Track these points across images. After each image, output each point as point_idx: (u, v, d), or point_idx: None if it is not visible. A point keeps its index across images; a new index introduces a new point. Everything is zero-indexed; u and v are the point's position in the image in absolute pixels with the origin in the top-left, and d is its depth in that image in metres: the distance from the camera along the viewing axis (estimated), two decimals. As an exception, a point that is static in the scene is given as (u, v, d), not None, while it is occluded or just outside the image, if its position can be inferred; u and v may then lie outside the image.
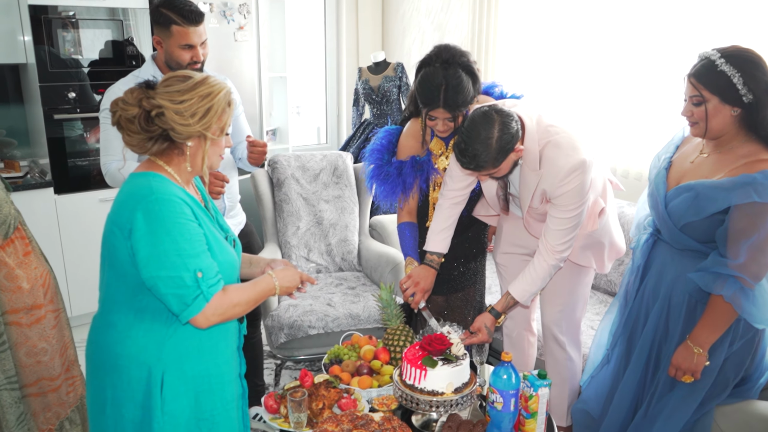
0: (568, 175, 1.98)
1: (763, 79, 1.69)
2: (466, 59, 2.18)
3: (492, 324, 2.20)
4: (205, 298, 1.47)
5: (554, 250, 2.09)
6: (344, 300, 3.13)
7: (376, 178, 2.42)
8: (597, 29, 3.42)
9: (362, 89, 4.46)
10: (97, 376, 1.56)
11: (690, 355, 1.81)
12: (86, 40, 3.58)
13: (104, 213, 3.80)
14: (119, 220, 1.47)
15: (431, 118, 2.21)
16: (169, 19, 2.28)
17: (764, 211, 1.66)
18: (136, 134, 1.49)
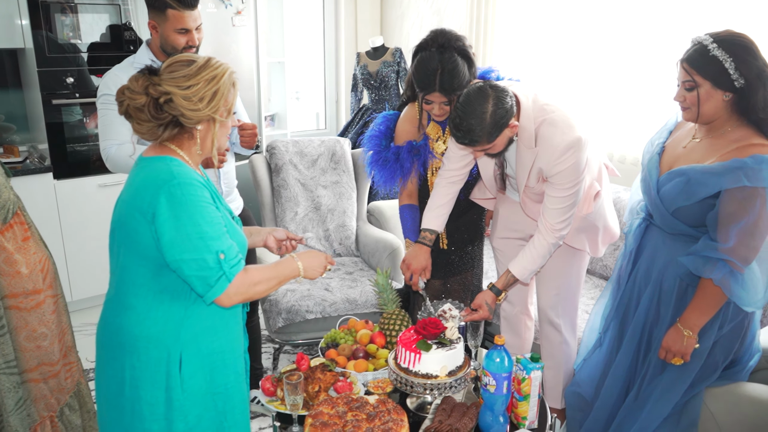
0: (564, 152, 2.00)
1: (754, 64, 1.70)
2: (462, 43, 2.21)
3: (493, 301, 2.23)
4: (228, 279, 1.50)
5: (553, 229, 2.11)
6: (342, 285, 3.16)
7: (375, 163, 2.45)
8: (594, 15, 3.41)
9: (360, 74, 4.46)
10: (114, 357, 1.57)
11: (680, 338, 1.84)
12: (85, 25, 3.58)
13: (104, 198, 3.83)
14: (140, 204, 1.48)
15: (428, 102, 2.24)
16: (165, 3, 2.29)
17: (754, 195, 1.67)
18: (146, 122, 1.50)
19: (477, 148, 2.01)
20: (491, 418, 1.84)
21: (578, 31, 3.52)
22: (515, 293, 2.56)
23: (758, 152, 1.70)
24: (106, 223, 3.98)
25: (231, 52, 4.07)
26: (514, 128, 2.01)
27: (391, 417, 1.80)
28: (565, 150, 2.00)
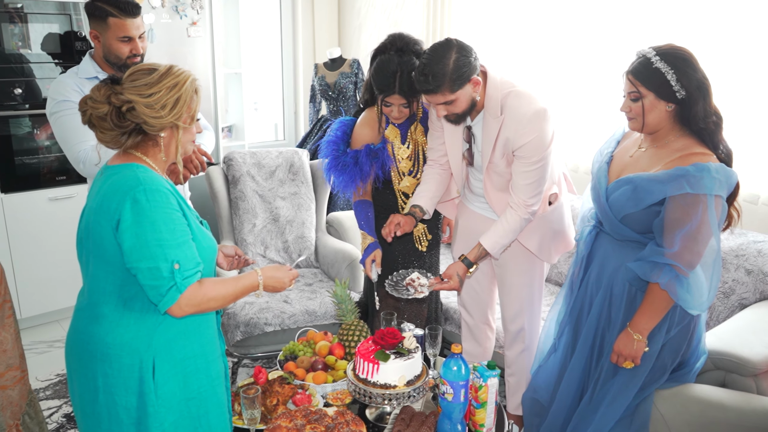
0: (530, 121, 2.05)
1: (694, 76, 1.78)
2: (419, 47, 2.28)
3: (463, 273, 2.25)
4: (179, 290, 1.49)
5: (525, 204, 2.15)
6: (301, 296, 3.14)
7: (334, 169, 2.45)
8: (546, 29, 3.50)
9: (318, 85, 4.46)
10: (86, 366, 1.57)
11: (630, 342, 1.89)
12: (34, 34, 3.49)
13: (55, 212, 3.72)
14: (107, 212, 1.49)
15: (387, 105, 2.28)
16: (106, 12, 2.28)
17: (696, 201, 1.74)
18: (109, 131, 1.51)
19: (439, 97, 2.03)
20: (449, 426, 1.86)
21: (531, 44, 3.60)
22: (476, 304, 2.59)
23: (699, 160, 1.77)
24: (58, 237, 3.94)
25: (187, 63, 4.03)
26: (477, 86, 2.06)
27: (349, 428, 1.80)
28: (531, 119, 2.05)
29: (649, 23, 3.00)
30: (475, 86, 2.06)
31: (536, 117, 2.05)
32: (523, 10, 3.61)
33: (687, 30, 2.83)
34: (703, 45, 2.75)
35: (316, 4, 4.99)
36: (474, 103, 2.10)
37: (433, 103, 2.08)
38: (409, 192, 2.51)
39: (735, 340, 2.10)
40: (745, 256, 2.53)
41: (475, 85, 2.06)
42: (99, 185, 1.56)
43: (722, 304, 2.55)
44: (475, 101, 2.10)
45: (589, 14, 3.27)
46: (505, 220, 2.20)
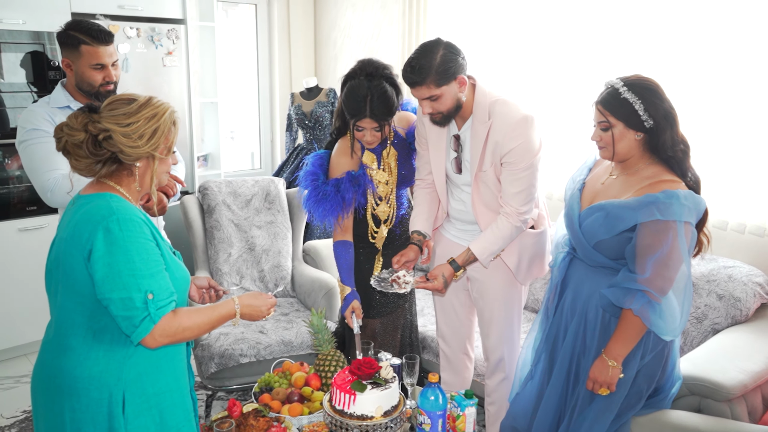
0: (518, 125, 2.10)
1: (661, 105, 1.83)
2: (389, 72, 2.32)
3: (450, 275, 2.25)
4: (153, 321, 1.47)
5: (517, 212, 2.17)
6: (277, 327, 3.10)
7: (314, 200, 2.43)
8: (520, 62, 3.57)
9: (295, 114, 4.48)
10: (52, 401, 1.53)
11: (605, 368, 1.90)
12: (6, 63, 3.45)
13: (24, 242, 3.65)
14: (78, 241, 1.47)
15: (359, 129, 2.30)
16: (78, 40, 2.27)
17: (667, 228, 1.77)
18: (84, 159, 1.50)
19: (424, 90, 2.07)
20: (427, 457, 1.84)
21: (504, 74, 3.66)
22: (455, 334, 2.58)
23: (668, 188, 1.81)
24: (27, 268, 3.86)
25: (162, 92, 4.02)
26: (463, 86, 2.11)
27: (325, 462, 1.76)
28: (519, 122, 2.10)
29: (618, 54, 3.08)
30: (461, 86, 2.11)
31: (524, 122, 2.11)
32: (496, 43, 3.68)
33: (656, 60, 2.92)
34: (673, 74, 2.84)
35: (293, 35, 5.04)
36: (459, 104, 2.15)
37: (419, 97, 2.11)
38: (382, 218, 2.51)
39: (709, 365, 2.13)
40: (717, 282, 2.57)
41: (461, 85, 2.11)
42: (71, 215, 1.54)
43: (695, 329, 2.58)
44: (461, 102, 2.15)
45: (561, 47, 3.35)
46: (496, 227, 2.21)
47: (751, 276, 2.54)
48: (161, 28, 3.97)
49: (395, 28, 4.36)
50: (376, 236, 2.53)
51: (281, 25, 4.98)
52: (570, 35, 3.30)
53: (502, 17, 3.62)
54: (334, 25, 4.94)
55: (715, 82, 2.75)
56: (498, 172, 2.20)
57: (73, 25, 2.31)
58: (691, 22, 2.80)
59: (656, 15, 2.92)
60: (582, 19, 3.23)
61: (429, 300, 3.41)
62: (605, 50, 3.13)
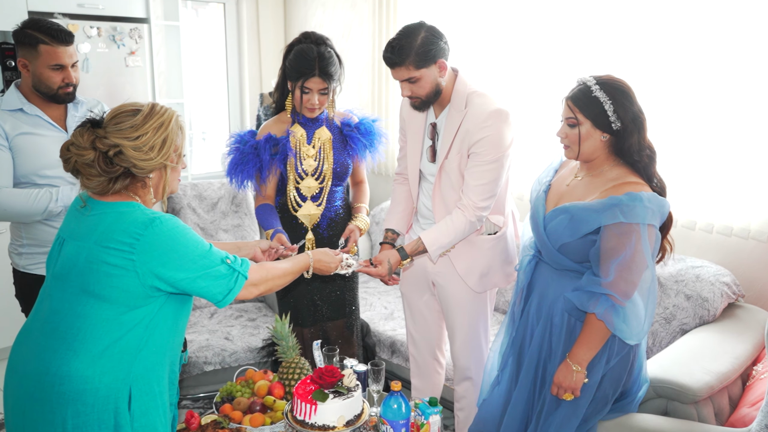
0: (491, 116, 2.08)
1: (630, 108, 1.80)
2: (331, 43, 2.35)
3: (396, 262, 2.21)
4: (244, 276, 1.59)
5: (475, 206, 2.13)
6: (243, 333, 3.03)
7: (233, 162, 2.40)
8: (492, 60, 3.53)
9: (264, 115, 4.40)
10: (52, 410, 1.48)
11: (569, 373, 1.86)
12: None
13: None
14: (120, 247, 1.47)
15: (305, 91, 2.29)
16: (36, 39, 2.18)
17: (630, 231, 1.74)
18: (96, 177, 1.49)
19: (403, 72, 2.06)
20: (390, 467, 1.79)
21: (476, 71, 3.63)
22: (425, 339, 2.54)
23: (632, 190, 1.78)
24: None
25: (125, 93, 3.92)
26: (443, 70, 2.10)
27: (285, 475, 1.71)
28: (492, 114, 2.08)
29: (593, 54, 3.06)
30: (441, 71, 2.09)
31: (497, 114, 2.09)
32: (467, 43, 3.64)
33: (629, 61, 2.90)
34: (645, 74, 2.83)
35: (263, 34, 4.96)
36: (439, 90, 2.13)
37: (398, 78, 2.10)
38: (308, 194, 2.45)
39: (675, 367, 2.11)
40: (684, 282, 2.57)
41: (441, 70, 2.10)
42: (94, 220, 1.51)
43: (664, 329, 2.57)
44: (440, 88, 2.13)
45: (535, 46, 3.32)
46: (450, 220, 2.17)
47: (719, 276, 2.53)
48: (123, 27, 3.87)
49: (365, 27, 4.31)
50: (298, 210, 2.46)
51: (250, 24, 4.90)
52: (544, 35, 3.27)
53: (472, 17, 3.59)
54: (305, 25, 4.87)
55: (685, 82, 2.74)
56: (463, 165, 2.17)
57: (31, 23, 2.22)
58: (661, 24, 2.79)
59: (630, 17, 2.90)
60: (556, 19, 3.20)
61: (399, 303, 3.37)
62: (582, 49, 3.10)
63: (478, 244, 2.27)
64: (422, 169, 2.33)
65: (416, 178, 2.35)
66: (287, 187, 2.45)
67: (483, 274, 2.30)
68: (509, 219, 2.37)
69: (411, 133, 2.33)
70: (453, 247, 2.25)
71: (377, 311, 3.32)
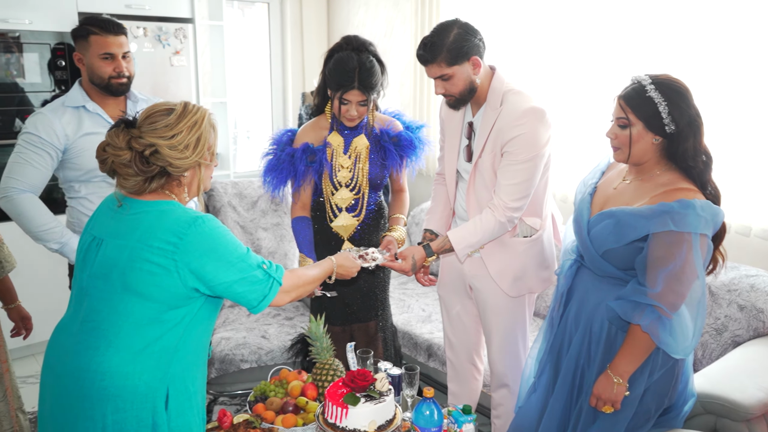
0: (525, 114, 2.02)
1: (687, 111, 1.70)
2: (374, 48, 2.29)
3: (421, 258, 2.17)
4: (279, 282, 1.60)
5: (506, 206, 2.07)
6: (280, 332, 3.04)
7: (268, 167, 2.39)
8: (538, 57, 3.44)
9: (306, 114, 4.41)
10: (91, 406, 1.50)
11: (610, 385, 1.78)
12: (20, 64, 3.46)
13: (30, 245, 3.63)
14: (163, 246, 1.48)
15: (344, 102, 2.24)
16: (88, 30, 2.25)
17: (681, 240, 1.65)
18: (133, 177, 1.51)
19: (435, 69, 2.03)
20: (422, 475, 1.75)
21: (521, 69, 3.54)
22: (462, 344, 2.49)
23: (684, 196, 1.68)
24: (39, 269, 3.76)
25: (169, 92, 3.98)
26: (477, 68, 2.05)
27: (314, 479, 1.69)
28: (526, 112, 2.02)
29: (645, 50, 2.94)
30: (475, 68, 2.05)
31: (531, 112, 2.03)
32: (511, 40, 3.56)
33: (682, 60, 2.77)
34: (699, 74, 2.69)
35: (306, 34, 4.98)
36: (473, 88, 2.08)
37: (431, 76, 2.07)
38: (342, 205, 2.41)
39: (726, 381, 2.00)
40: (738, 291, 2.44)
41: (475, 67, 2.05)
42: (133, 219, 1.53)
43: (714, 341, 2.44)
44: (475, 86, 2.08)
45: (581, 44, 3.22)
46: (479, 219, 2.12)
47: (775, 286, 2.39)
48: (168, 27, 3.94)
49: (408, 26, 4.27)
50: (334, 221, 2.43)
51: (294, 23, 4.92)
52: (590, 31, 3.16)
53: (517, 14, 3.51)
54: (348, 24, 4.87)
55: (740, 81, 2.60)
56: (496, 164, 2.11)
57: (84, 19, 2.31)
58: (716, 19, 2.65)
59: (686, 9, 2.76)
60: (603, 15, 3.09)
61: (437, 306, 3.32)
62: (633, 45, 2.97)
63: (512, 246, 2.21)
64: (459, 169, 2.29)
65: (453, 178, 2.30)
66: (323, 198, 2.43)
67: (517, 278, 2.23)
68: (547, 222, 2.29)
69: (449, 132, 2.28)
70: (482, 247, 2.19)
71: (415, 313, 3.27)
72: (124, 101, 2.43)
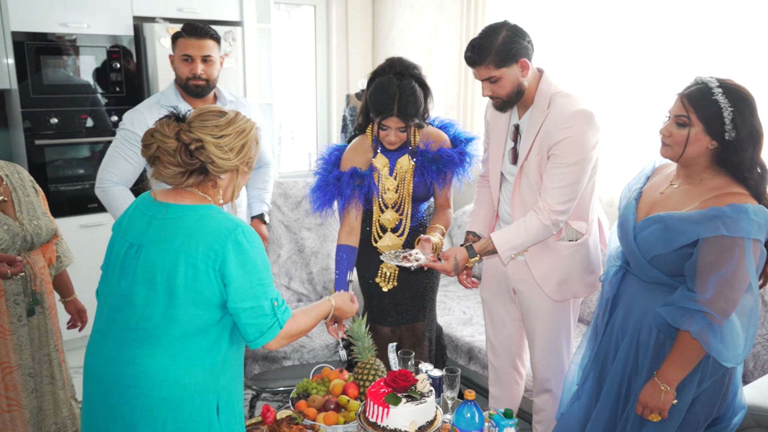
0: (572, 117, 2.00)
1: (750, 120, 1.65)
2: (419, 72, 2.26)
3: (463, 259, 2.16)
4: (280, 325, 1.57)
5: (551, 210, 2.05)
6: (322, 331, 3.07)
7: (315, 186, 2.40)
8: (587, 59, 3.39)
9: (350, 116, 4.46)
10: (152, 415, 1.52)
11: (657, 393, 1.74)
12: (84, 65, 3.61)
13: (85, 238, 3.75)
14: (206, 253, 1.49)
15: (383, 128, 2.23)
16: (177, 33, 2.39)
17: (732, 245, 1.61)
18: (173, 167, 1.52)
19: (483, 71, 2.02)
20: (462, 478, 1.75)
21: (569, 70, 3.50)
22: (505, 348, 2.47)
23: (736, 201, 1.64)
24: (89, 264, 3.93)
25: (218, 93, 4.07)
26: (526, 70, 2.04)
27: (355, 476, 1.71)
28: (574, 115, 2.00)
29: (698, 52, 2.86)
30: (523, 70, 2.03)
31: (579, 115, 2.00)
32: (559, 44, 3.52)
33: (738, 60, 2.69)
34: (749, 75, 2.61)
35: (351, 36, 5.02)
36: (521, 90, 2.07)
37: (479, 78, 2.06)
38: (388, 226, 2.42)
39: (779, 393, 1.94)
40: (793, 300, 2.36)
41: (524, 69, 2.03)
42: (170, 224, 1.53)
43: (767, 352, 2.37)
44: (522, 88, 2.07)
45: (631, 43, 3.16)
46: (523, 221, 2.10)
47: (833, 296, 2.31)
48: (218, 30, 4.01)
49: (453, 28, 4.27)
50: (379, 241, 2.43)
51: (339, 25, 4.97)
52: (640, 34, 3.09)
53: (565, 17, 3.46)
54: (392, 26, 4.89)
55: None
56: (543, 167, 2.09)
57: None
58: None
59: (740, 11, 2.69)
60: (653, 17, 3.02)
61: (478, 309, 3.31)
62: (682, 50, 2.90)
63: (557, 249, 2.19)
64: (503, 171, 2.27)
65: (497, 180, 2.29)
66: (369, 219, 2.44)
67: (561, 282, 2.20)
68: (593, 226, 2.26)
69: (494, 134, 2.27)
70: (526, 250, 2.17)
71: (456, 316, 3.27)
72: (213, 102, 2.53)
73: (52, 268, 2.30)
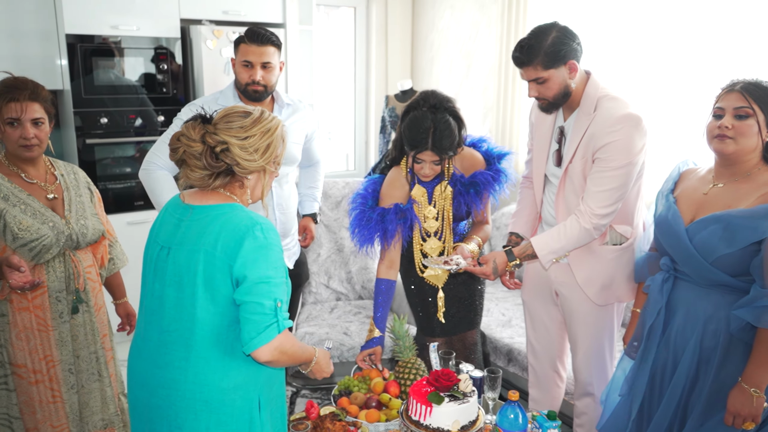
0: (619, 121, 1.98)
1: None
2: (452, 105, 2.25)
3: (502, 263, 2.17)
4: (279, 329, 1.51)
5: (593, 213, 2.03)
6: (361, 329, 3.10)
7: (357, 222, 2.40)
8: (628, 63, 3.35)
9: (389, 117, 4.48)
10: (195, 418, 1.54)
11: (748, 398, 1.66)
12: (128, 66, 3.71)
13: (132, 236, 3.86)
14: (225, 252, 1.50)
15: (418, 162, 2.24)
16: (240, 39, 2.41)
17: None
18: (200, 170, 1.54)
19: (531, 72, 2.02)
20: (505, 478, 1.76)
21: (609, 74, 3.46)
22: (545, 350, 2.46)
23: None
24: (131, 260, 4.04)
25: (261, 94, 4.13)
26: (574, 72, 2.03)
27: (398, 473, 1.73)
28: (621, 119, 1.98)
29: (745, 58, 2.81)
30: (571, 72, 2.03)
31: (627, 119, 1.98)
32: (601, 46, 3.48)
33: None
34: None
35: (390, 37, 5.05)
36: (568, 92, 2.06)
37: (526, 78, 2.06)
38: (432, 254, 2.42)
39: None
40: None
41: (572, 71, 2.03)
42: (195, 226, 1.55)
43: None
44: (569, 90, 2.06)
45: (677, 47, 3.11)
46: (564, 225, 2.09)
47: None
48: (262, 32, 4.09)
49: (493, 29, 4.25)
50: (425, 271, 2.44)
51: (379, 27, 5.00)
52: (687, 39, 3.04)
53: (608, 18, 3.42)
54: (432, 27, 4.90)
55: None
56: (587, 170, 2.07)
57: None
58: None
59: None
60: (702, 22, 2.97)
61: (518, 311, 3.30)
62: (729, 55, 2.86)
63: (600, 253, 2.17)
64: (547, 173, 2.26)
65: (541, 182, 2.28)
66: (412, 250, 2.44)
67: (605, 286, 2.18)
68: (638, 230, 2.23)
69: (538, 136, 2.27)
70: (567, 254, 2.16)
71: (495, 317, 3.26)
72: (271, 105, 2.56)
73: (104, 270, 2.36)
